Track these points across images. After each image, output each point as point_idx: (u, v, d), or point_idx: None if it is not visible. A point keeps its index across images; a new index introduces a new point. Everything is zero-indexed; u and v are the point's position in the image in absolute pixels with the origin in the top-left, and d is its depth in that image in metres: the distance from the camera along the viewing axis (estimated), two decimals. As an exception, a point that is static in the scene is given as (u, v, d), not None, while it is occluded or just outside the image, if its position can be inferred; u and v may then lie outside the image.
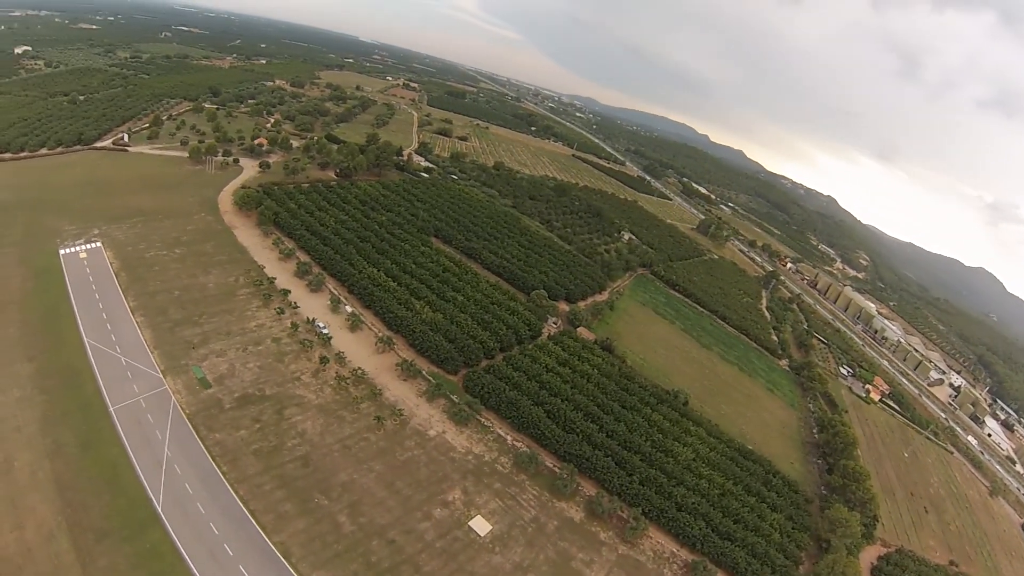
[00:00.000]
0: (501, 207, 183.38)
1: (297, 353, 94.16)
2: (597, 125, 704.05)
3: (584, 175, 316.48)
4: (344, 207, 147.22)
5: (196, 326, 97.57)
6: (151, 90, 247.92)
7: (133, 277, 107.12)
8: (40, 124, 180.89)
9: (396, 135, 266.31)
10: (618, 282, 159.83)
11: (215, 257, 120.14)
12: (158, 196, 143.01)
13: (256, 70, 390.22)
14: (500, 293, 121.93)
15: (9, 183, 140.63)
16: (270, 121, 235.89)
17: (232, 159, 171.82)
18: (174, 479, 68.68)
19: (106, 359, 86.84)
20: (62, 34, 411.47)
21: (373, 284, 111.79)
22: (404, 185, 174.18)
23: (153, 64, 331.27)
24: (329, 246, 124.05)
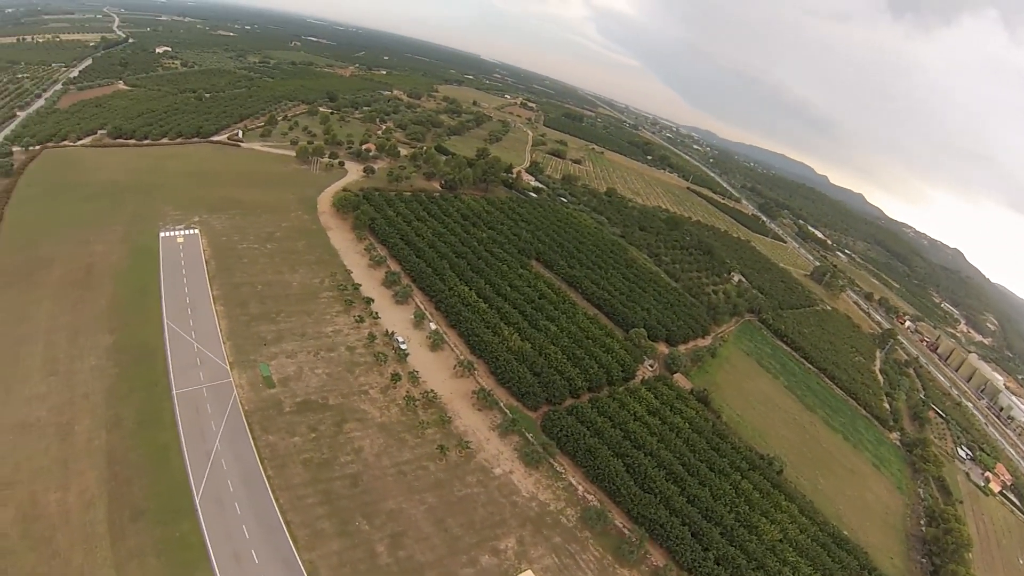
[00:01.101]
0: (609, 235, 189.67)
1: (369, 366, 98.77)
2: (714, 159, 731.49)
3: (697, 209, 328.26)
4: (444, 220, 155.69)
5: (272, 323, 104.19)
6: (272, 92, 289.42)
7: (221, 267, 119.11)
8: (166, 116, 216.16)
9: (508, 152, 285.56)
10: (723, 327, 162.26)
11: (304, 256, 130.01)
12: (260, 191, 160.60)
13: (375, 80, 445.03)
14: (597, 327, 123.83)
15: (129, 167, 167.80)
16: (381, 128, 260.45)
17: (338, 161, 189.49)
18: (218, 473, 72.38)
19: (180, 343, 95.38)
20: (201, 38, 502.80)
21: (462, 303, 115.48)
22: (510, 203, 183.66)
23: (278, 69, 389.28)
24: (422, 258, 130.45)
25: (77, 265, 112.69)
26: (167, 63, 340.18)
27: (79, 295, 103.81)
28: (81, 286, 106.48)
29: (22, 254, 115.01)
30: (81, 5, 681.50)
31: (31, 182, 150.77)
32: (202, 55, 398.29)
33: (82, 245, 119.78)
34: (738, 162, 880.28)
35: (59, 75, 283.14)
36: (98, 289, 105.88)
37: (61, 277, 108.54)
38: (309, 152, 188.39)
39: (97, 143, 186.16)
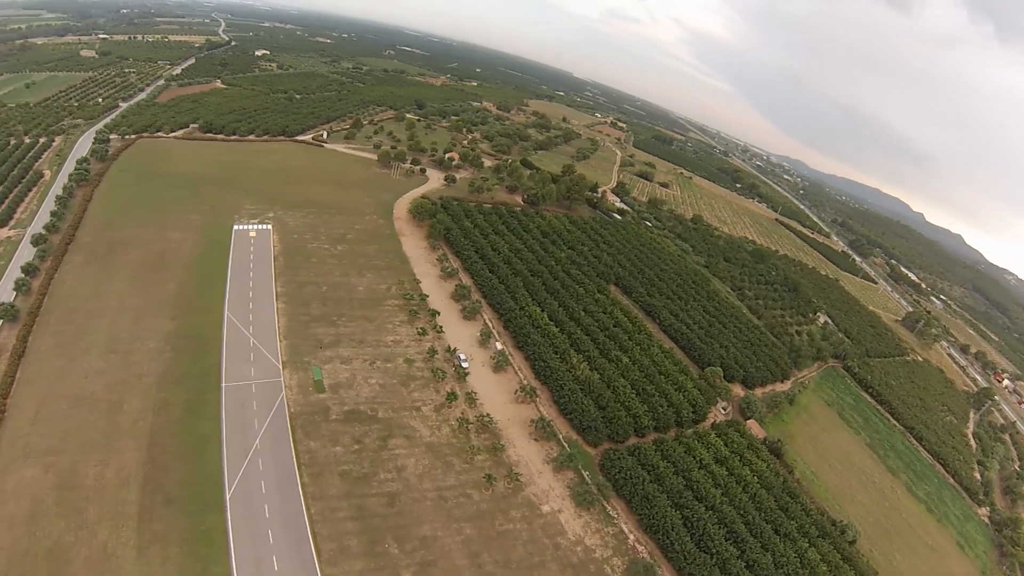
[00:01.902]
0: (692, 264, 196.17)
1: (426, 381, 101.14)
2: (804, 190, 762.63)
3: (785, 242, 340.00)
4: (523, 235, 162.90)
5: (332, 326, 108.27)
6: (361, 96, 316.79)
7: (289, 264, 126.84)
8: (255, 114, 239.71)
9: (595, 171, 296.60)
10: (804, 372, 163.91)
11: (374, 261, 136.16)
12: (337, 192, 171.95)
13: (466, 90, 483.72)
14: (671, 362, 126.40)
15: (215, 160, 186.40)
16: (467, 138, 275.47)
17: (419, 168, 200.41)
18: (253, 472, 75.98)
19: (237, 335, 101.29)
20: (299, 44, 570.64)
21: (532, 324, 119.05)
22: (593, 223, 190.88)
23: (370, 75, 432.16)
24: (496, 273, 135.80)
25: (152, 250, 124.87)
26: (264, 65, 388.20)
27: (149, 279, 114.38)
28: (153, 270, 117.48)
29: (104, 234, 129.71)
30: (191, 10, 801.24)
31: (123, 168, 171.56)
32: (298, 59, 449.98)
33: (160, 231, 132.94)
34: (829, 194, 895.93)
35: (163, 72, 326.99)
36: (168, 275, 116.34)
37: (136, 260, 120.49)
38: (391, 156, 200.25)
39: (188, 136, 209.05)
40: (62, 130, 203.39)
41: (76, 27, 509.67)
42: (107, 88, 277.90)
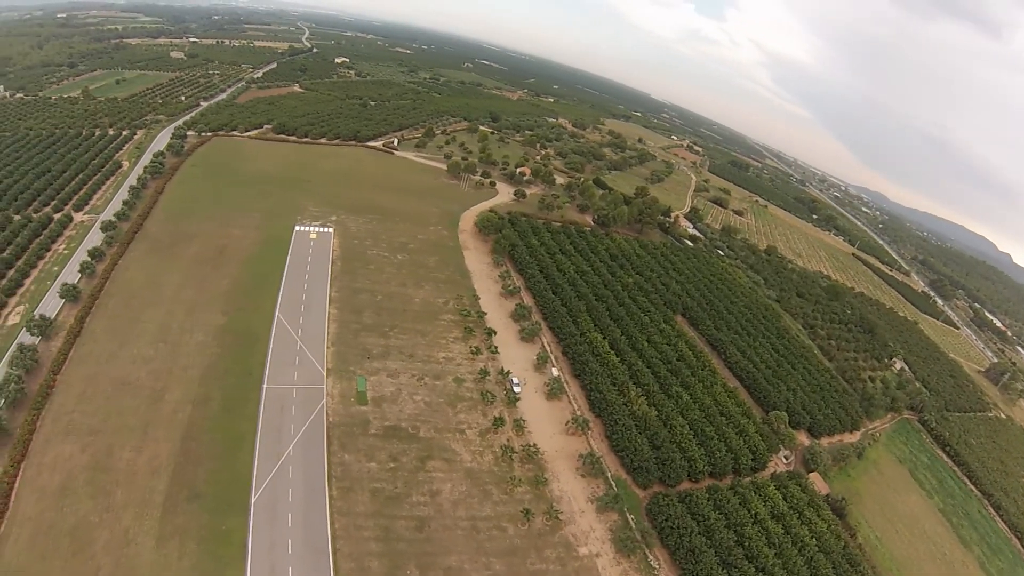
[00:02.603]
0: (763, 298, 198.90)
1: (474, 403, 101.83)
2: (883, 224, 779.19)
3: (861, 279, 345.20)
4: (590, 257, 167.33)
5: (383, 337, 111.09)
6: (435, 106, 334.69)
7: (347, 269, 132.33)
8: (329, 119, 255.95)
9: (668, 195, 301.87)
10: (876, 423, 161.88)
11: (434, 272, 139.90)
12: (403, 199, 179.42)
13: (542, 106, 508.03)
14: (734, 403, 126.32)
15: (284, 161, 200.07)
16: (540, 154, 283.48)
17: (489, 181, 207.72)
18: (282, 479, 78.76)
19: (285, 337, 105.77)
20: (378, 53, 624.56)
21: (592, 352, 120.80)
22: (663, 249, 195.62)
23: (447, 86, 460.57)
24: (559, 295, 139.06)
25: (212, 244, 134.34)
26: (342, 72, 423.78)
27: (206, 273, 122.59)
28: (211, 264, 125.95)
29: (170, 226, 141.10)
30: (279, 18, 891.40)
31: (196, 163, 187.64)
32: (376, 68, 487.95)
33: (222, 227, 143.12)
34: (909, 230, 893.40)
35: (245, 75, 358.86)
36: (224, 270, 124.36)
37: (196, 253, 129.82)
38: (461, 168, 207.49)
39: (261, 136, 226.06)
40: (144, 124, 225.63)
41: (169, 30, 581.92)
42: (191, 88, 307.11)
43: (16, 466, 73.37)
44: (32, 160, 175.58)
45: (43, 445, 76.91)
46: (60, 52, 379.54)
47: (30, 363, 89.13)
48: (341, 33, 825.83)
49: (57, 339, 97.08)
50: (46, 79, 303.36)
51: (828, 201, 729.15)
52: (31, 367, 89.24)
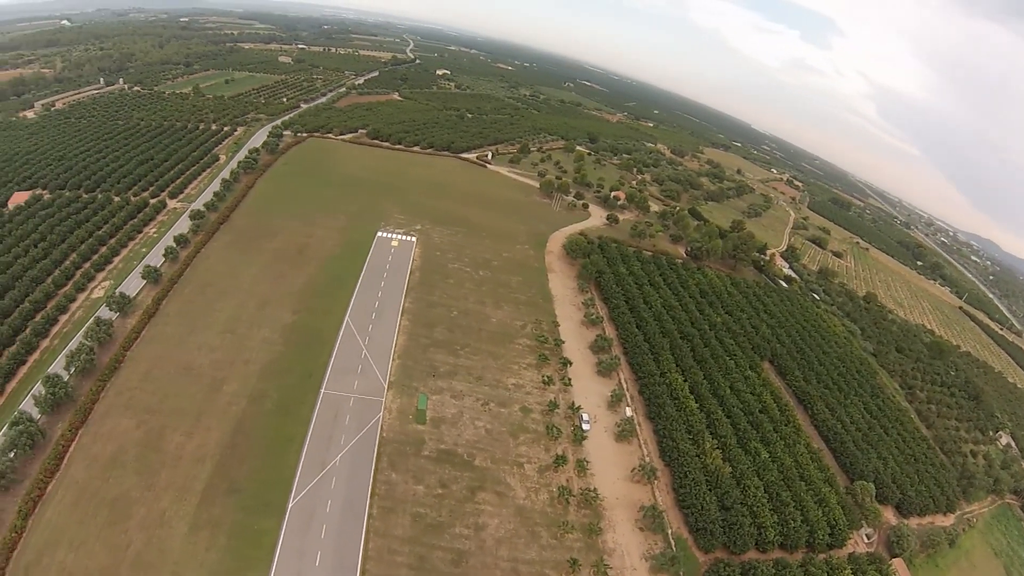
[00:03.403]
0: (859, 350, 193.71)
1: (537, 436, 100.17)
2: (995, 276, 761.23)
3: (968, 337, 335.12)
4: (679, 291, 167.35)
5: (452, 355, 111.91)
6: (533, 123, 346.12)
7: (424, 281, 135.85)
8: (424, 127, 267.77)
9: (765, 231, 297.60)
10: (974, 506, 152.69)
11: (515, 293, 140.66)
12: (492, 215, 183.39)
13: (641, 130, 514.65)
14: (816, 467, 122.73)
15: (375, 166, 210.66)
16: (636, 179, 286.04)
17: (582, 203, 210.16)
18: (323, 488, 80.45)
19: (351, 343, 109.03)
20: (480, 68, 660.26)
21: (670, 395, 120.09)
22: (756, 288, 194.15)
23: (546, 104, 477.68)
24: (642, 329, 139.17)
25: (294, 242, 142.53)
26: (442, 83, 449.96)
27: (284, 269, 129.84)
28: (289, 262, 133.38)
29: (255, 220, 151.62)
30: (385, 30, 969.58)
31: (288, 162, 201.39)
32: (477, 81, 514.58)
33: (306, 225, 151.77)
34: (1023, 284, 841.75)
35: (347, 81, 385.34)
36: (302, 268, 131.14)
37: (277, 249, 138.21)
38: (554, 187, 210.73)
39: (355, 140, 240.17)
40: (245, 122, 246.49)
41: (280, 37, 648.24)
42: (293, 90, 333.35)
43: (74, 432, 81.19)
44: (139, 148, 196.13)
45: (102, 416, 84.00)
46: (178, 52, 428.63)
47: (104, 337, 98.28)
48: (445, 47, 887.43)
49: (133, 317, 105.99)
50: (162, 75, 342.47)
51: (934, 247, 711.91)
52: (104, 340, 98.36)
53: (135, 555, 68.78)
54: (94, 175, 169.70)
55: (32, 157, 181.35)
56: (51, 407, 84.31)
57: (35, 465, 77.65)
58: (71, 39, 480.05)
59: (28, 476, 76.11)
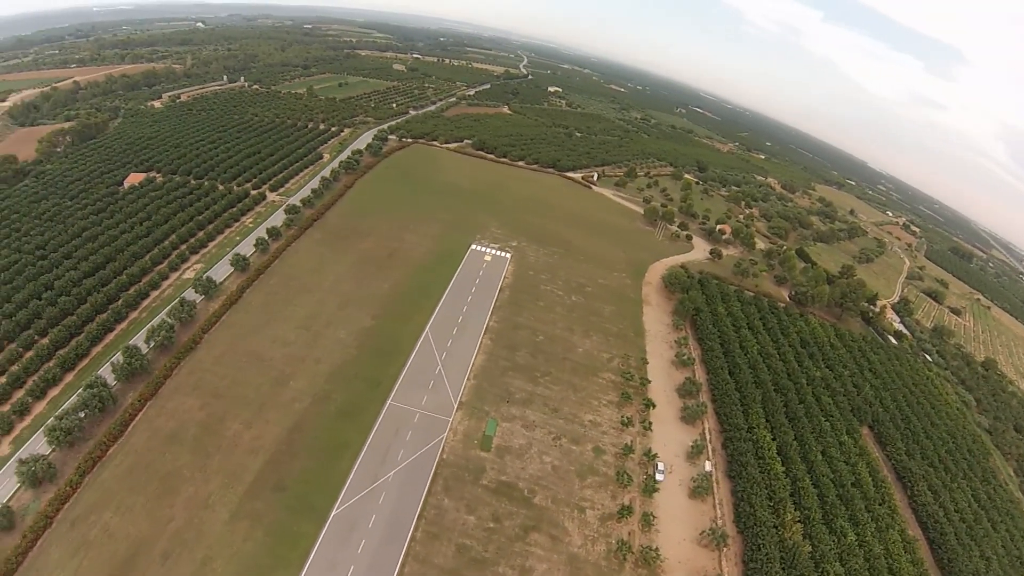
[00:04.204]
0: (972, 425, 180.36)
1: (605, 481, 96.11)
2: None
3: None
4: (778, 339, 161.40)
5: (530, 382, 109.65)
6: (641, 147, 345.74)
7: (513, 300, 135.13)
8: (531, 143, 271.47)
9: (876, 278, 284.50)
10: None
11: (606, 323, 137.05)
12: (591, 238, 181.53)
13: (752, 162, 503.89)
14: (910, 560, 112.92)
15: (477, 177, 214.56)
16: (744, 213, 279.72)
17: (686, 234, 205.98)
18: (369, 501, 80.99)
19: (427, 356, 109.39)
20: (592, 87, 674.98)
21: (755, 453, 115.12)
22: (862, 343, 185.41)
23: (656, 128, 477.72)
24: (735, 377, 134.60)
25: (384, 246, 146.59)
26: (553, 101, 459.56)
27: (370, 272, 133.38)
28: (376, 265, 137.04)
29: (349, 220, 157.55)
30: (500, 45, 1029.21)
31: (390, 165, 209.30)
32: (587, 101, 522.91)
33: (399, 230, 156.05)
34: None
35: (458, 91, 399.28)
36: (388, 273, 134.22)
37: (366, 251, 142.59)
38: (658, 215, 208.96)
39: (459, 150, 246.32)
40: (352, 124, 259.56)
41: (397, 46, 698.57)
42: (404, 97, 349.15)
43: (143, 403, 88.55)
44: (248, 141, 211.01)
45: (171, 392, 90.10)
46: (298, 55, 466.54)
47: (186, 317, 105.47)
48: (558, 64, 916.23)
49: (216, 301, 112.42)
50: (281, 76, 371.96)
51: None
52: (185, 320, 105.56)
53: (174, 531, 73.57)
54: (204, 163, 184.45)
55: (152, 143, 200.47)
56: (126, 376, 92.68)
57: (101, 428, 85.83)
58: (203, 39, 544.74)
59: (93, 437, 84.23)
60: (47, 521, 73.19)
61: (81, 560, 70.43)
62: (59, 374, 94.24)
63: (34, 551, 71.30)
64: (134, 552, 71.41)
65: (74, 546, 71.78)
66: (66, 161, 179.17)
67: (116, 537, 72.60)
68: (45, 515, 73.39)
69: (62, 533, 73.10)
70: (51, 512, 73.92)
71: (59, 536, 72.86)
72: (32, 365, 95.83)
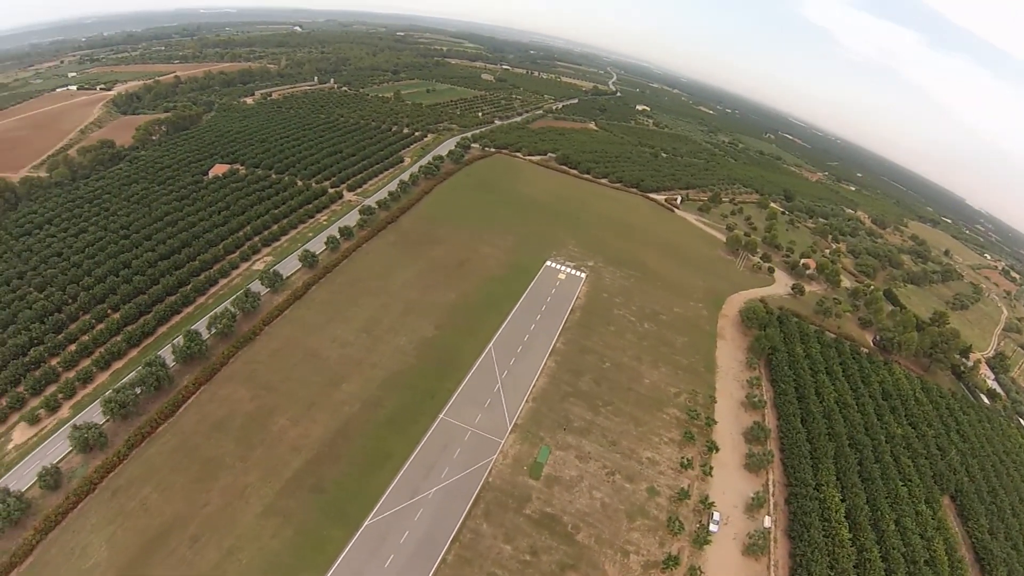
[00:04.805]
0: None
1: (655, 526, 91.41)
2: None
3: None
4: (858, 388, 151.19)
5: (591, 410, 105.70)
6: (728, 172, 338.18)
7: (583, 323, 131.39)
8: (615, 161, 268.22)
9: (970, 328, 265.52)
10: None
11: (677, 355, 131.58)
12: (670, 263, 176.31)
13: (841, 193, 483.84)
14: None
15: (558, 192, 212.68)
16: (830, 247, 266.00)
17: (768, 266, 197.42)
18: (406, 516, 79.58)
19: (486, 373, 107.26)
20: (680, 108, 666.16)
21: (821, 515, 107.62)
22: (950, 400, 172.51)
23: (744, 154, 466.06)
24: (807, 427, 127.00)
25: (456, 255, 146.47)
26: (640, 119, 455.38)
27: (438, 280, 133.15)
28: (446, 274, 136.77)
29: (422, 225, 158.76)
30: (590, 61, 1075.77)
31: (471, 174, 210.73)
32: (675, 121, 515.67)
33: (472, 240, 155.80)
34: None
35: (545, 104, 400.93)
36: (457, 283, 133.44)
37: (436, 258, 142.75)
38: (741, 243, 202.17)
39: (542, 163, 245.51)
40: (436, 130, 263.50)
41: (487, 56, 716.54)
42: (490, 106, 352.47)
43: (197, 387, 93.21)
44: (331, 140, 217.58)
45: (225, 379, 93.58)
46: (389, 60, 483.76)
47: (249, 307, 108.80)
48: (647, 83, 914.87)
49: (281, 295, 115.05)
50: (370, 80, 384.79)
51: None
52: (248, 311, 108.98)
53: (207, 515, 75.67)
54: (287, 159, 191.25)
55: (240, 136, 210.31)
56: (184, 359, 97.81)
57: (154, 405, 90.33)
58: (298, 42, 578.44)
59: (145, 412, 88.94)
60: (91, 486, 78.78)
61: (116, 529, 74.35)
62: (124, 349, 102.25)
63: (74, 512, 76.51)
64: (167, 529, 74.57)
65: (112, 514, 76.30)
66: (159, 149, 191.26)
67: (152, 512, 76.28)
68: (90, 480, 79.06)
69: (103, 500, 78.06)
70: (96, 479, 79.56)
71: (100, 503, 77.78)
72: (101, 337, 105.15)
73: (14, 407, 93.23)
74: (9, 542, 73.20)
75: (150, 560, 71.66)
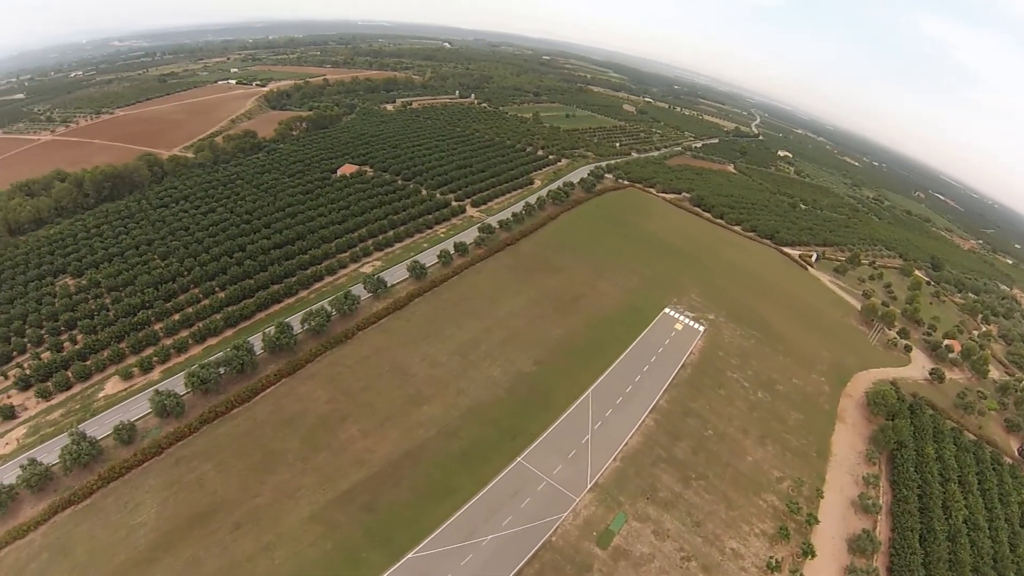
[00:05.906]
0: None
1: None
2: None
3: None
4: (994, 506, 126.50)
5: (681, 481, 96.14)
6: (871, 231, 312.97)
7: (692, 382, 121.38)
8: (751, 208, 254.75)
9: None
10: None
11: (788, 433, 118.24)
12: (796, 327, 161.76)
13: (996, 266, 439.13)
14: None
15: (688, 234, 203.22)
16: (980, 329, 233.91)
17: (905, 344, 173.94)
18: (452, 558, 76.57)
19: (578, 421, 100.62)
20: (823, 157, 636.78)
21: None
22: None
23: (889, 212, 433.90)
24: (926, 548, 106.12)
25: (571, 289, 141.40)
26: (781, 166, 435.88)
27: (548, 312, 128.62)
28: (557, 307, 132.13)
29: (542, 252, 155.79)
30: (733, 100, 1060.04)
31: (600, 205, 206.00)
32: (817, 171, 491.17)
33: (591, 275, 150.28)
34: None
35: (684, 141, 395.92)
36: (566, 319, 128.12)
37: (550, 289, 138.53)
38: (876, 314, 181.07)
39: (675, 202, 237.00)
40: (571, 155, 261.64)
41: (629, 87, 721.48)
42: (629, 138, 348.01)
43: (278, 378, 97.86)
44: (463, 153, 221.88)
45: (307, 377, 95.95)
46: (530, 82, 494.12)
47: (346, 309, 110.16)
48: (791, 128, 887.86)
49: (382, 302, 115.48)
50: (510, 99, 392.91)
51: None
52: (345, 313, 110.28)
53: (255, 506, 78.53)
54: (415, 166, 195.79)
55: (375, 140, 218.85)
56: (272, 349, 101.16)
57: (235, 387, 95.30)
58: (445, 57, 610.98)
59: (224, 393, 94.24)
60: (159, 450, 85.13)
61: (169, 496, 79.25)
62: (221, 327, 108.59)
63: (137, 470, 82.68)
64: (214, 509, 77.91)
65: (170, 480, 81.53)
66: (296, 144, 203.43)
67: (205, 489, 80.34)
68: (159, 444, 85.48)
69: (166, 466, 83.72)
70: (165, 444, 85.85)
71: (163, 467, 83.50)
72: (204, 312, 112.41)
73: (113, 360, 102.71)
74: (74, 481, 79.97)
75: (190, 534, 74.89)
